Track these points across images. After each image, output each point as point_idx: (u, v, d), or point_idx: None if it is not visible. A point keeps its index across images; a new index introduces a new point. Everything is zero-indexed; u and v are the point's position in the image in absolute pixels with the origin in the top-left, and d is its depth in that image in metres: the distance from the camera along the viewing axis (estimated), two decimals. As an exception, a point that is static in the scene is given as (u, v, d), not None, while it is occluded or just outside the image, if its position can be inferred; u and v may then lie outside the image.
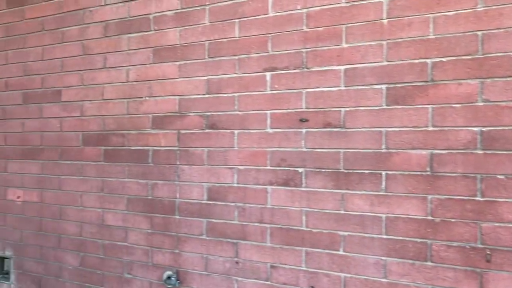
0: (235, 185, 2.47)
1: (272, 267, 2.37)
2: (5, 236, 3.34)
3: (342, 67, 2.21)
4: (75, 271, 3.00)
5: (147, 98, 2.75)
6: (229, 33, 2.49)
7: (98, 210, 2.92)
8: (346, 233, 2.20)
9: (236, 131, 2.47)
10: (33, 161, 3.21)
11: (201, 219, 2.56)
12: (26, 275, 3.23)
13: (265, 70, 2.39)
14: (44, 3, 3.15)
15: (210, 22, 2.55)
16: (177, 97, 2.65)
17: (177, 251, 2.63)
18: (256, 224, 2.40)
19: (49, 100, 3.14)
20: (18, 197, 3.29)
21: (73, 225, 3.03)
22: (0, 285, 3.34)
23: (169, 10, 2.67)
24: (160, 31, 2.70)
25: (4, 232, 3.34)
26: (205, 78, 2.56)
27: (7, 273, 3.34)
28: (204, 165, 2.56)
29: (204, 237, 2.55)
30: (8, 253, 3.32)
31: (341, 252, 2.21)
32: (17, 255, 3.28)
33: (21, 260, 3.26)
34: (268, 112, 2.37)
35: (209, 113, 2.55)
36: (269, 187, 2.37)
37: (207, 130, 2.55)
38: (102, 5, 2.90)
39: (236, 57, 2.47)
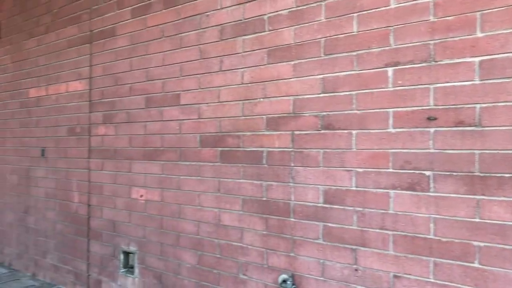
0: (354, 188, 2.42)
1: (395, 277, 2.27)
2: (130, 232, 3.67)
3: (477, 59, 2.05)
4: (193, 269, 3.19)
5: (262, 99, 2.82)
6: (347, 28, 2.45)
7: (214, 210, 3.06)
8: (482, 244, 2.03)
9: (354, 132, 2.42)
10: (155, 162, 3.49)
11: (317, 223, 2.55)
12: (149, 270, 3.51)
13: (387, 65, 2.30)
14: (164, 10, 3.41)
15: (326, 19, 2.53)
16: (291, 97, 2.68)
17: (292, 254, 2.66)
18: (377, 230, 2.33)
19: (169, 103, 3.38)
20: (141, 195, 3.59)
21: (191, 224, 3.22)
22: (125, 278, 3.68)
23: (283, 9, 2.71)
24: (275, 31, 2.75)
25: (129, 228, 3.68)
26: (321, 76, 2.55)
27: (132, 267, 3.67)
28: (320, 167, 2.55)
29: (320, 241, 2.54)
30: (132, 248, 3.65)
31: (476, 265, 2.04)
32: (140, 250, 3.58)
33: (144, 255, 3.55)
34: (390, 110, 2.29)
35: (324, 113, 2.53)
36: (391, 191, 2.28)
37: (322, 131, 2.54)
38: (218, 9, 3.05)
39: (354, 53, 2.42)
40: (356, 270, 2.40)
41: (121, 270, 3.73)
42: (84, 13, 4.14)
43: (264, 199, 2.80)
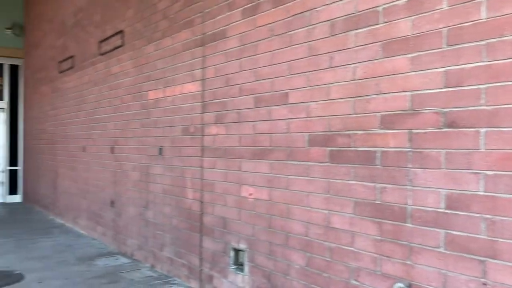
0: (481, 193, 2.18)
1: (533, 296, 2.00)
2: (240, 230, 3.76)
3: None
4: (302, 270, 3.15)
5: (375, 96, 2.69)
6: (473, 15, 2.22)
7: (324, 212, 3.00)
8: None
9: (482, 130, 2.18)
10: (263, 161, 3.52)
11: (438, 230, 2.35)
12: (258, 268, 3.55)
13: (524, 54, 2.04)
14: (273, 9, 3.42)
15: (449, 6, 2.32)
16: (408, 93, 2.51)
17: (409, 262, 2.49)
18: (510, 241, 2.07)
19: (277, 102, 3.39)
20: (250, 194, 3.65)
21: (299, 225, 3.19)
22: (235, 275, 3.78)
23: (400, -1, 2.55)
24: (390, 22, 2.60)
25: (239, 226, 3.77)
26: (442, 69, 2.35)
27: (242, 264, 3.75)
28: (441, 168, 2.34)
29: (441, 250, 2.34)
30: (242, 246, 3.73)
31: None
32: (250, 248, 3.65)
33: (253, 253, 3.61)
34: (528, 105, 2.02)
35: (447, 109, 2.32)
36: (529, 198, 2.02)
37: (444, 129, 2.33)
38: (328, 4, 2.97)
39: (483, 42, 2.18)
40: (484, 284, 2.17)
41: (232, 267, 3.84)
42: (197, 17, 4.33)
43: (378, 202, 2.66)
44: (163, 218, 4.89)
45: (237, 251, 3.82)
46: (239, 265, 3.80)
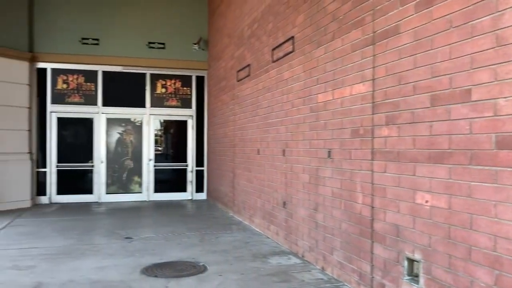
0: None
1: None
2: (414, 239, 3.53)
3: None
4: (488, 289, 2.81)
5: None
6: None
7: (516, 225, 2.62)
8: None
9: None
10: (441, 165, 3.24)
11: None
12: (435, 282, 3.28)
13: None
14: (451, -1, 3.14)
15: None
16: None
17: None
18: None
19: (457, 100, 3.09)
20: (426, 201, 3.40)
21: (485, 238, 2.84)
22: (410, 286, 3.55)
23: None
24: None
25: (413, 234, 3.54)
26: None
27: (417, 275, 3.51)
28: None
29: None
30: (417, 256, 3.49)
31: None
32: (425, 259, 3.39)
33: (429, 265, 3.35)
34: None
35: None
36: None
37: None
38: (520, -15, 2.60)
39: None
40: None
41: (405, 278, 3.63)
42: (367, 15, 4.23)
43: None
44: (333, 221, 4.90)
45: (411, 261, 3.60)
46: (413, 276, 3.57)
